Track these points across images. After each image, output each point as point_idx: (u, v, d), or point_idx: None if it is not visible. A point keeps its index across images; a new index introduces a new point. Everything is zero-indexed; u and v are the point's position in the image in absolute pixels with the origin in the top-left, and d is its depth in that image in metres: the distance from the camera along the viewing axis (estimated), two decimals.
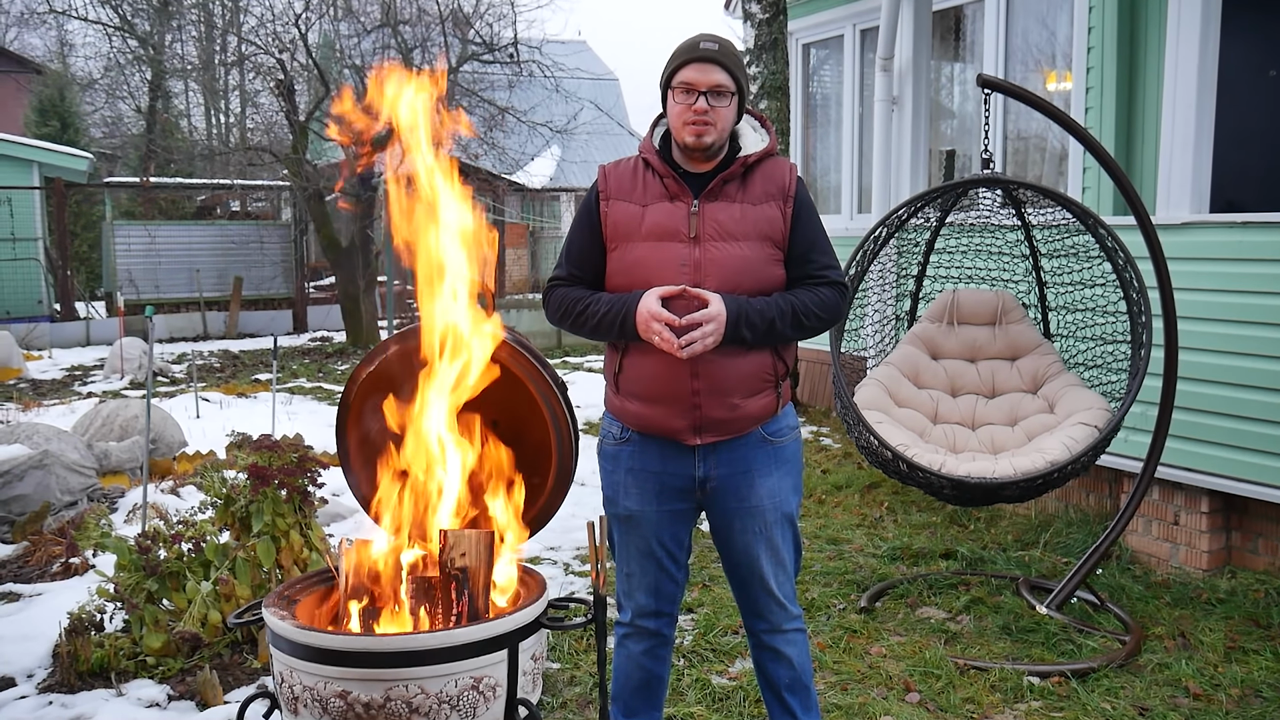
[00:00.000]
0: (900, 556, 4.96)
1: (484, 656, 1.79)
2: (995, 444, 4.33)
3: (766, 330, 2.52)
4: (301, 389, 10.57)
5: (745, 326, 2.48)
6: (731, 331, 2.46)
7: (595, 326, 2.57)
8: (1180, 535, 4.72)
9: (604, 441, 2.74)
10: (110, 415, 6.95)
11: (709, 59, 2.56)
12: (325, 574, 2.06)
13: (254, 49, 15.11)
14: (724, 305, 2.45)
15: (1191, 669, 3.68)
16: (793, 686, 2.82)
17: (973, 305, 4.68)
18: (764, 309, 2.52)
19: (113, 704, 3.55)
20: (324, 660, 1.74)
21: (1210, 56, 4.61)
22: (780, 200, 2.61)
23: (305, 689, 1.76)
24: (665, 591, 2.77)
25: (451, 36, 14.94)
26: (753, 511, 2.65)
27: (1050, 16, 7.18)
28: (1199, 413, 4.53)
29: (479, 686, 1.78)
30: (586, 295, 2.62)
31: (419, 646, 1.74)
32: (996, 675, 3.63)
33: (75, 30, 24.85)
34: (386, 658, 1.72)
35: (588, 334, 2.62)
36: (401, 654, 1.73)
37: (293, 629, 1.78)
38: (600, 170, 2.72)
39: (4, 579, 4.92)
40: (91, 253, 19.71)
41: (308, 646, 1.76)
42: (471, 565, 1.96)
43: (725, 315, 2.44)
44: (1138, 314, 4.04)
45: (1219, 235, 4.46)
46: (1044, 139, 7.67)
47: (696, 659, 3.81)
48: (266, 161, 16.17)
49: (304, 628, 1.80)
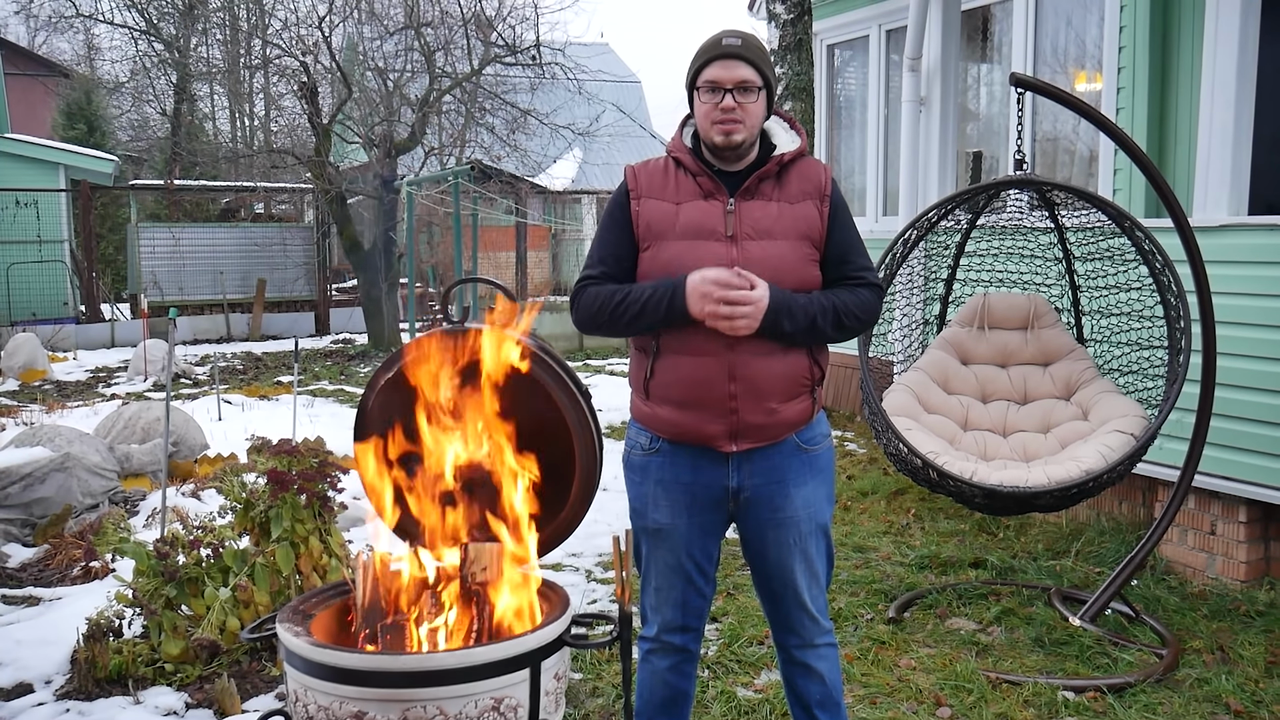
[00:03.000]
0: (928, 565, 4.87)
1: (505, 676, 1.72)
2: (1027, 452, 4.23)
3: (808, 326, 2.44)
4: (323, 391, 10.57)
5: (785, 317, 2.40)
6: (771, 319, 2.38)
7: (638, 314, 2.45)
8: (1217, 545, 4.60)
9: (631, 452, 2.66)
10: (132, 418, 6.94)
11: (733, 55, 2.50)
12: (342, 587, 2.00)
13: (279, 52, 15.15)
14: (768, 291, 2.38)
15: (1232, 685, 3.57)
16: (824, 703, 2.74)
17: (1004, 309, 4.58)
18: (806, 304, 2.45)
19: (130, 712, 3.51)
20: (339, 679, 1.68)
21: (1250, 54, 4.50)
22: (817, 200, 2.54)
23: (320, 708, 1.70)
24: (693, 606, 2.70)
25: (474, 39, 14.93)
26: (787, 523, 2.58)
27: (1080, 16, 7.06)
28: (1237, 420, 4.42)
29: (500, 708, 1.72)
30: (624, 287, 2.52)
31: (438, 666, 1.67)
32: (1030, 690, 3.54)
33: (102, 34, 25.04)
34: (404, 677, 1.66)
35: (625, 325, 2.49)
36: (420, 674, 1.66)
37: (307, 646, 1.72)
38: (628, 169, 2.65)
39: (24, 582, 4.91)
40: (117, 255, 19.84)
41: (323, 665, 1.70)
42: (492, 580, 1.89)
43: (766, 301, 2.37)
44: (1176, 319, 3.93)
45: (1259, 238, 4.34)
46: (1073, 141, 7.55)
47: (721, 670, 3.73)
48: (290, 164, 16.22)
49: (319, 645, 1.73)
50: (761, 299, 2.37)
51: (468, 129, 15.54)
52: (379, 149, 13.90)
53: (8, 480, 5.45)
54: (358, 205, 16.77)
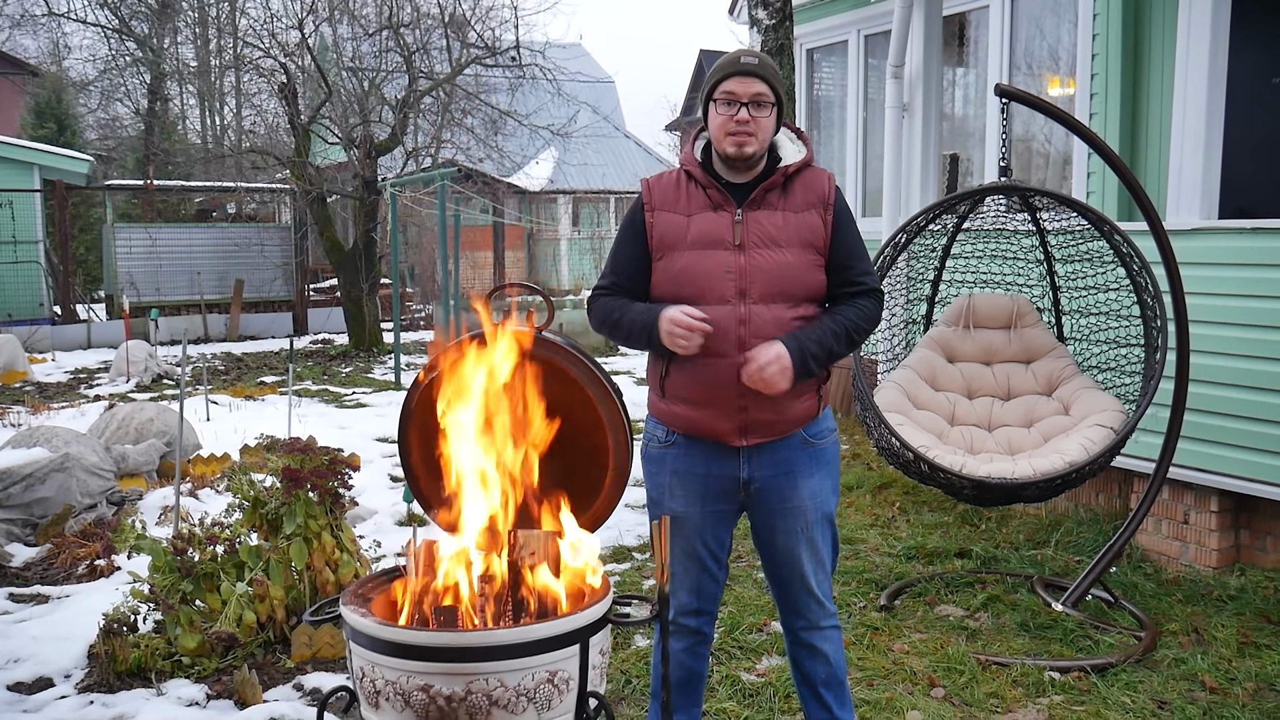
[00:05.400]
0: (916, 556, 5.05)
1: (558, 651, 1.87)
2: (1012, 445, 4.42)
3: (827, 356, 2.64)
4: (308, 391, 10.62)
5: (811, 361, 2.60)
6: (801, 369, 2.57)
7: (628, 338, 2.71)
8: (1190, 534, 4.82)
9: (648, 445, 2.82)
10: (126, 418, 7.00)
11: (750, 72, 2.66)
12: (394, 572, 2.14)
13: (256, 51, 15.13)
14: (784, 347, 2.55)
15: (1206, 664, 3.77)
16: (829, 682, 2.90)
17: (988, 309, 4.77)
18: (820, 338, 2.62)
19: (154, 703, 3.61)
20: (407, 655, 1.81)
21: (1220, 63, 4.71)
22: (821, 208, 2.69)
23: (388, 683, 1.84)
24: (706, 591, 2.85)
25: (453, 39, 15.00)
26: (794, 512, 2.74)
27: (1054, 23, 7.29)
28: (1209, 414, 4.63)
29: (554, 680, 1.86)
30: (621, 306, 2.72)
31: (499, 642, 1.81)
32: (1018, 671, 3.72)
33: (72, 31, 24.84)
34: (468, 652, 1.79)
35: (622, 342, 2.75)
36: (482, 649, 1.80)
37: (376, 625, 1.86)
38: (644, 183, 2.81)
39: (31, 581, 4.98)
40: (88, 255, 19.70)
41: (391, 642, 1.83)
42: (540, 564, 2.04)
43: (788, 360, 2.54)
44: (1152, 318, 4.13)
45: (1230, 241, 4.56)
46: (1045, 144, 7.78)
47: (725, 656, 3.89)
48: (270, 164, 16.21)
49: (387, 624, 1.87)
50: (780, 355, 2.53)
51: (444, 129, 15.60)
52: (359, 150, 13.94)
53: (9, 481, 5.51)
54: (334, 205, 16.78)
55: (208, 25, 21.14)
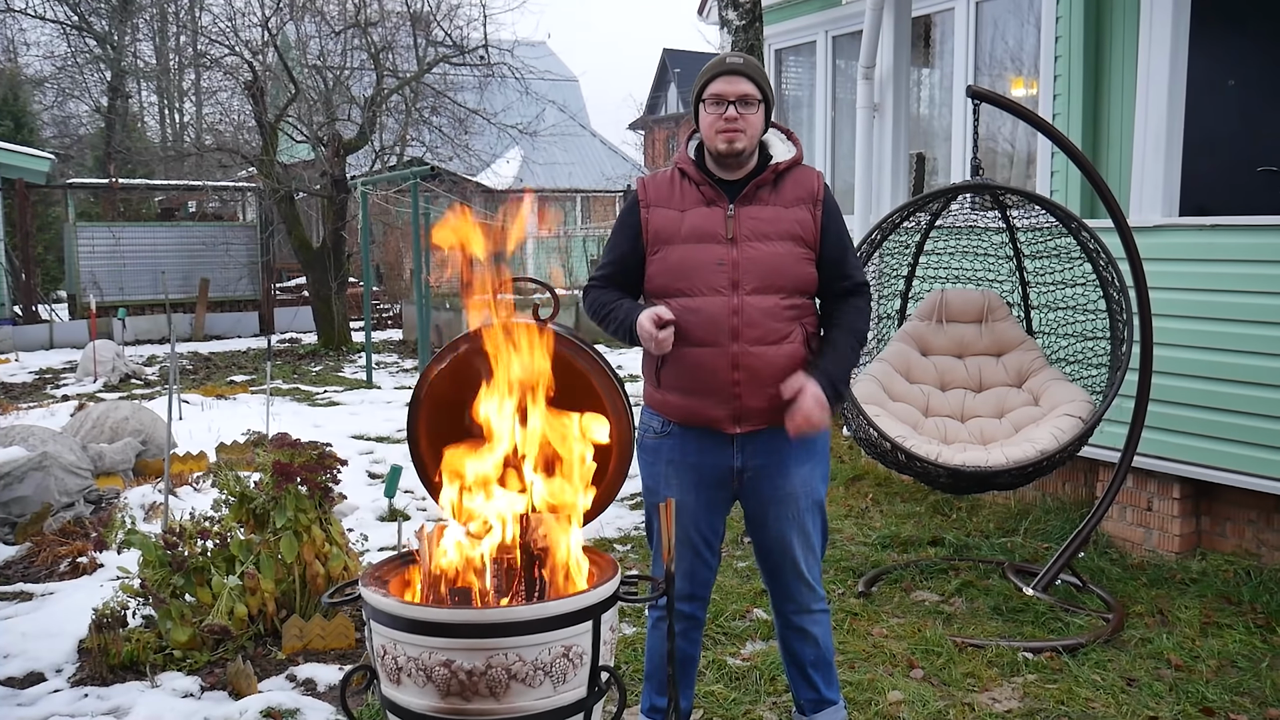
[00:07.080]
0: (890, 544, 5.19)
1: (573, 627, 1.96)
2: (984, 435, 4.56)
3: (848, 374, 2.85)
4: (280, 390, 10.60)
5: (839, 384, 2.77)
6: (833, 395, 2.74)
7: (614, 332, 2.86)
8: (1153, 520, 4.99)
9: (644, 435, 2.92)
10: (101, 417, 6.97)
11: (736, 71, 2.77)
12: (408, 556, 2.21)
13: (221, 49, 15.02)
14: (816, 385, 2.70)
15: (1172, 643, 3.93)
16: (817, 663, 3.02)
17: (960, 304, 4.91)
18: (838, 359, 2.80)
19: (148, 695, 3.65)
20: (429, 632, 1.89)
21: (1180, 67, 4.88)
22: (810, 204, 2.81)
23: (410, 659, 1.91)
24: (700, 576, 2.96)
25: (419, 37, 14.99)
26: (786, 499, 2.84)
27: (1018, 25, 7.48)
28: (1171, 404, 4.80)
29: (569, 654, 1.95)
30: (610, 301, 2.87)
31: (517, 618, 1.90)
32: (993, 652, 3.86)
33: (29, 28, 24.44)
34: (489, 628, 1.88)
35: (610, 335, 2.89)
36: (502, 625, 1.89)
37: (398, 605, 1.94)
38: (639, 182, 2.93)
39: (12, 579, 4.98)
40: (46, 254, 19.43)
41: (414, 620, 1.91)
42: (551, 546, 2.12)
43: (821, 393, 2.70)
44: (1118, 312, 4.29)
45: (1190, 237, 4.73)
46: (1010, 142, 7.97)
47: (710, 642, 3.99)
48: (237, 163, 16.10)
49: (409, 603, 1.95)
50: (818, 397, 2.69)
51: (409, 127, 15.57)
52: (327, 148, 13.90)
53: None
54: (301, 203, 16.69)
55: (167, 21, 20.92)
